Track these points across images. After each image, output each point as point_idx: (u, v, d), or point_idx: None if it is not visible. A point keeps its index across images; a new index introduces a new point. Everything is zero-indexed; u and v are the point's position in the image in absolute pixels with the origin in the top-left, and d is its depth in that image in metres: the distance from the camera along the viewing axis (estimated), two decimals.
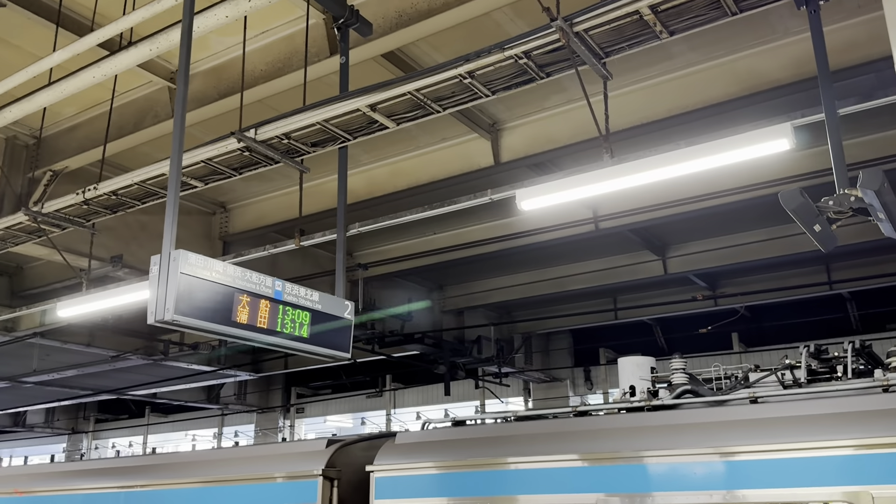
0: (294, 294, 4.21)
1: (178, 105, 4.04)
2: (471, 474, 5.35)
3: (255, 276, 3.99)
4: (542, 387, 18.02)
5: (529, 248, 11.38)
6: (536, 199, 4.71)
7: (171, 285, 3.53)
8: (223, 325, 3.76)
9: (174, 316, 3.49)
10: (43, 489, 7.38)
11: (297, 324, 4.17)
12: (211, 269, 3.75)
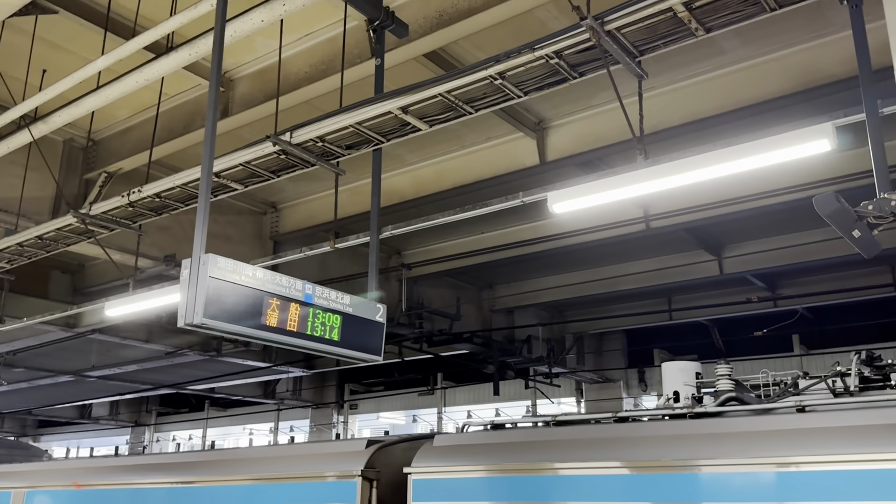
0: (324, 297, 4.22)
1: (210, 112, 4.09)
2: (507, 479, 5.28)
3: (285, 279, 4.01)
4: (594, 388, 17.79)
5: (580, 248, 11.22)
6: (569, 203, 4.62)
7: (201, 289, 3.57)
8: (253, 328, 3.79)
9: (203, 319, 3.54)
10: (95, 483, 7.61)
11: (328, 327, 4.18)
12: (240, 272, 3.78)
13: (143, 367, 16.16)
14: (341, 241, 5.96)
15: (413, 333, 12.28)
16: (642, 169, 4.26)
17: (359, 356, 4.37)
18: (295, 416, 22.25)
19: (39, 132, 5.67)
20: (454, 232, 11.57)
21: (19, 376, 16.76)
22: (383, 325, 4.58)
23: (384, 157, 9.55)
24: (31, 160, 7.91)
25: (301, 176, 10.00)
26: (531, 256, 11.68)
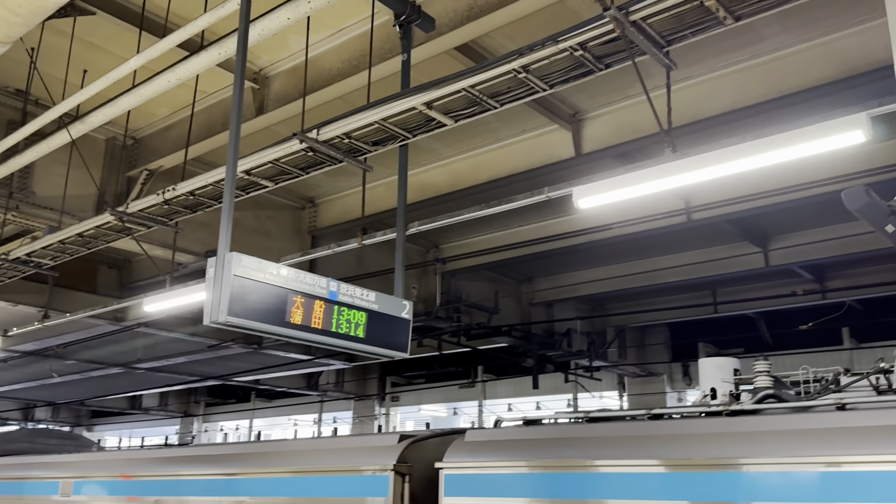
0: (349, 294, 4.23)
1: (234, 111, 4.12)
2: (539, 476, 5.24)
3: (310, 276, 4.03)
4: (637, 381, 17.58)
5: (620, 240, 11.07)
6: (594, 198, 4.53)
7: (225, 287, 3.61)
8: (277, 325, 3.82)
9: (228, 317, 3.57)
10: (141, 474, 7.79)
11: (353, 324, 4.19)
12: (264, 270, 3.81)
13: (189, 360, 16.49)
14: (369, 237, 5.96)
15: (451, 327, 12.28)
16: (670, 162, 4.16)
17: (385, 353, 4.37)
18: (338, 407, 22.48)
19: (78, 131, 5.79)
20: (491, 225, 11.53)
21: (70, 368, 17.25)
22: (409, 322, 4.58)
23: (419, 152, 9.60)
24: (74, 159, 8.10)
25: (338, 171, 10.09)
26: (570, 249, 11.57)
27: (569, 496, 5.09)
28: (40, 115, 6.34)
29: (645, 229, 10.48)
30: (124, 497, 7.81)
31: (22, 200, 7.97)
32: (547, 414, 6.16)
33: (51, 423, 29.99)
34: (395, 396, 21.07)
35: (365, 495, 5.97)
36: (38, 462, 9.32)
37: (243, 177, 5.64)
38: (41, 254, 7.33)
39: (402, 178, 5.31)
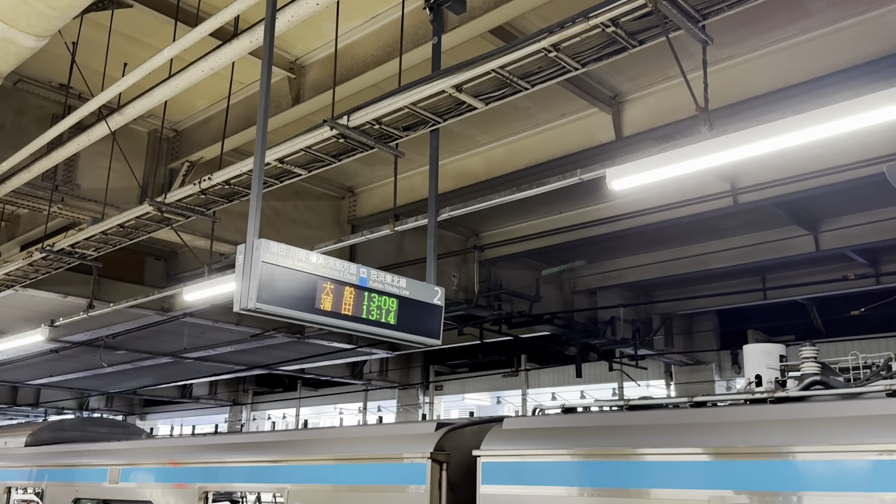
0: (380, 281, 4.19)
1: (262, 96, 4.10)
2: (577, 464, 5.16)
3: (339, 263, 4.00)
4: (684, 370, 17.29)
5: (664, 225, 10.85)
6: (628, 179, 4.40)
7: (254, 274, 3.60)
8: (307, 312, 3.80)
9: (257, 304, 3.57)
10: (181, 461, 7.92)
11: (384, 310, 4.15)
12: (293, 257, 3.79)
13: (235, 349, 16.75)
14: (401, 223, 5.92)
15: (492, 315, 12.20)
16: (707, 140, 4.01)
17: (416, 340, 4.33)
18: (382, 396, 22.64)
19: (116, 123, 5.87)
20: (532, 212, 11.41)
21: (119, 358, 17.68)
22: (441, 308, 4.52)
23: (456, 139, 9.53)
24: (117, 151, 8.23)
25: (376, 160, 10.12)
26: (613, 235, 11.38)
27: (609, 485, 5.01)
28: (88, 116, 6.43)
29: (690, 214, 10.25)
30: (171, 484, 7.95)
31: (67, 193, 8.13)
32: (586, 402, 6.06)
33: (105, 413, 30.85)
34: (439, 385, 21.11)
35: (403, 483, 5.96)
36: (88, 450, 9.55)
37: (276, 165, 5.64)
38: (85, 245, 7.47)
39: (434, 164, 5.25)
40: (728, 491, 4.46)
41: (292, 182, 10.52)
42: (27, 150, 6.50)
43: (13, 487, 10.63)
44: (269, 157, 5.55)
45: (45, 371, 21.06)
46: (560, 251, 12.89)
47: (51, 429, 11.65)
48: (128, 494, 8.47)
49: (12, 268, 7.98)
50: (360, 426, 6.79)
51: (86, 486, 9.14)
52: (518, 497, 5.39)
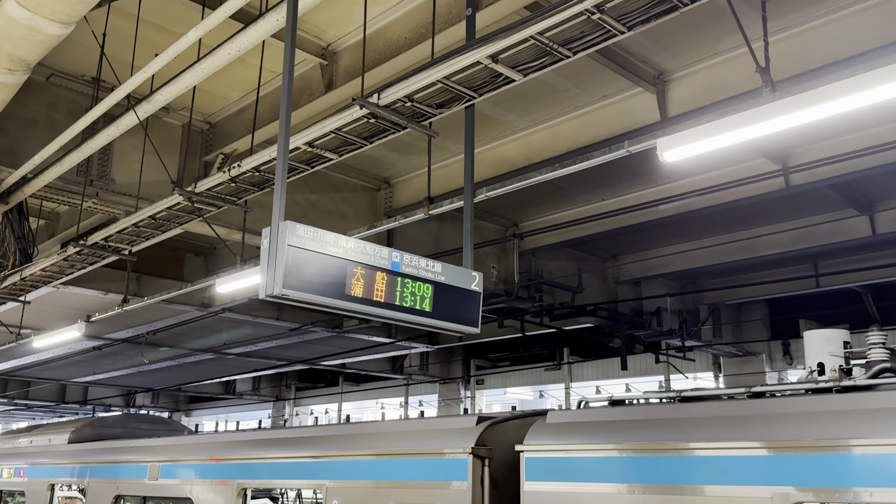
0: (413, 265, 3.95)
1: (285, 73, 3.90)
2: (626, 459, 4.87)
3: (371, 247, 3.77)
4: (734, 362, 16.77)
5: (711, 211, 10.44)
6: (681, 149, 4.08)
7: (280, 258, 3.40)
8: (337, 298, 3.58)
9: (283, 290, 3.36)
10: (230, 457, 7.81)
11: (418, 297, 3.91)
12: (321, 240, 3.57)
13: (276, 345, 16.73)
14: (435, 206, 5.67)
15: (533, 307, 11.90)
16: (769, 104, 3.67)
17: (453, 328, 4.08)
18: (424, 390, 22.48)
19: (145, 112, 5.73)
20: (572, 200, 11.09)
21: (161, 355, 17.80)
22: (479, 295, 4.27)
23: (493, 125, 9.25)
24: (151, 145, 8.15)
25: (412, 150, 9.89)
26: (657, 223, 10.99)
27: (661, 481, 4.71)
28: (119, 107, 6.31)
29: (738, 197, 9.83)
30: (209, 480, 7.84)
31: (101, 188, 8.06)
32: (635, 394, 5.75)
33: (151, 410, 31.28)
34: (480, 379, 20.87)
35: (444, 479, 5.73)
36: (129, 447, 9.53)
37: (306, 150, 5.44)
38: (118, 238, 7.39)
39: (469, 143, 4.98)
40: (791, 488, 4.13)
41: (327, 173, 10.48)
42: (57, 143, 6.42)
43: (56, 484, 10.68)
44: (299, 140, 5.36)
45: (90, 369, 21.37)
46: (602, 240, 12.53)
47: (93, 426, 11.69)
48: (167, 491, 8.40)
49: (47, 263, 7.95)
50: (399, 420, 6.57)
51: (127, 482, 9.11)
52: (564, 494, 5.12)
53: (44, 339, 10.80)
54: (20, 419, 36.49)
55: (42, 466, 11.11)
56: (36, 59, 5.74)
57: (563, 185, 10.83)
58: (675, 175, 10.11)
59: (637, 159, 10.10)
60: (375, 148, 9.95)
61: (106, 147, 8.47)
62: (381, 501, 6.11)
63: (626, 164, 10.21)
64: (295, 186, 10.08)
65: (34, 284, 8.85)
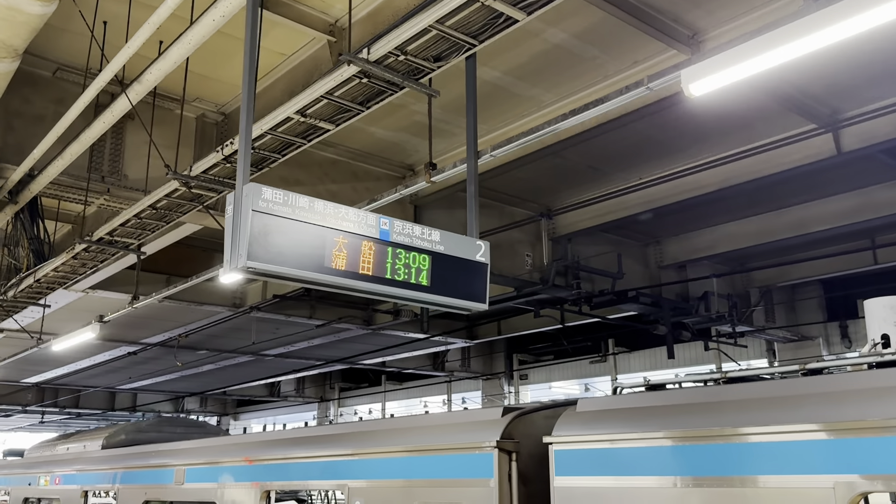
0: (406, 233, 3.49)
1: (248, 23, 3.48)
2: (668, 449, 4.34)
3: (354, 212, 3.33)
4: (789, 346, 15.93)
5: (757, 185, 9.77)
6: (708, 80, 3.54)
7: (244, 227, 2.97)
8: (315, 272, 3.15)
9: (248, 262, 2.94)
10: (238, 459, 7.48)
11: (413, 269, 3.45)
12: (293, 205, 3.14)
13: (311, 344, 16.46)
14: (437, 173, 5.21)
15: (571, 295, 11.34)
16: (806, 17, 3.11)
17: (456, 304, 3.61)
18: (466, 387, 22.04)
19: (137, 94, 5.40)
20: (608, 180, 10.52)
21: (197, 358, 17.68)
22: (486, 266, 3.79)
23: (519, 101, 8.73)
24: (163, 138, 7.86)
25: (435, 132, 9.43)
26: (701, 200, 10.32)
27: (707, 472, 4.16)
28: (118, 93, 6.00)
29: (785, 169, 9.16)
30: (232, 483, 7.52)
31: (113, 184, 7.79)
32: (674, 378, 5.21)
33: (199, 414, 31.47)
34: (524, 374, 20.33)
35: (468, 476, 5.27)
36: (156, 451, 9.29)
37: (298, 120, 5.03)
38: (123, 232, 7.11)
39: (471, 96, 4.50)
40: (856, 476, 3.57)
41: (349, 163, 10.09)
42: (53, 134, 6.14)
43: (90, 491, 10.51)
44: (290, 109, 4.96)
45: (128, 375, 21.42)
46: (642, 222, 11.89)
47: (127, 431, 11.53)
48: (192, 495, 8.11)
49: (58, 263, 7.72)
50: (422, 415, 6.12)
51: (154, 487, 8.86)
52: (600, 490, 4.61)
53: (61, 342, 10.66)
54: (71, 428, 37.15)
55: (76, 473, 10.98)
56: (22, 44, 5.45)
57: (599, 165, 10.28)
58: (716, 149, 9.50)
59: (675, 132, 9.54)
60: (397, 133, 9.66)
61: (117, 142, 8.22)
62: (405, 501, 5.68)
63: (665, 138, 9.63)
64: (316, 177, 9.72)
65: (50, 286, 8.66)
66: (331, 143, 9.73)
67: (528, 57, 7.91)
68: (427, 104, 5.09)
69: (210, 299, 13.26)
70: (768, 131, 8.73)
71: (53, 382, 22.57)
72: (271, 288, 13.28)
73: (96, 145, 7.94)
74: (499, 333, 16.17)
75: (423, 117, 9.09)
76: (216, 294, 13.41)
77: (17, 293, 8.67)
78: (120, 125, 8.28)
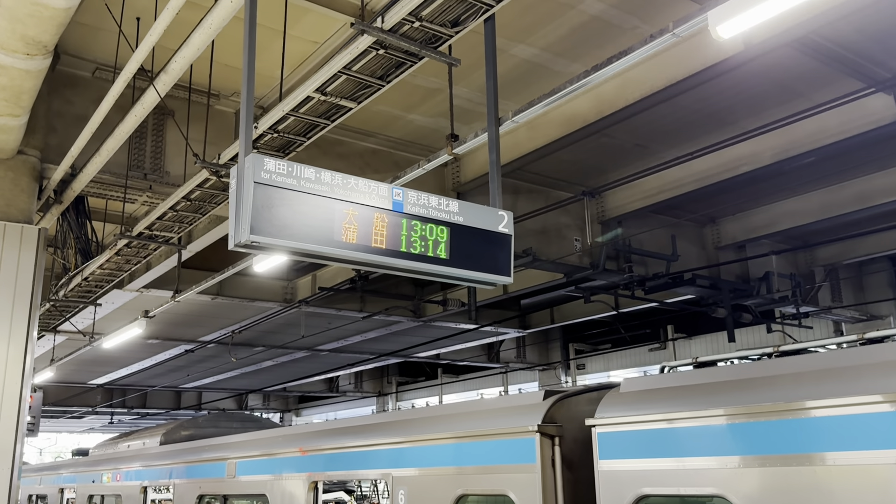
0: (422, 204, 3.32)
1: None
2: (720, 428, 4.08)
3: (363, 182, 3.17)
4: (857, 327, 15.20)
5: (816, 158, 9.31)
6: (739, 18, 3.26)
7: (246, 199, 2.85)
8: (324, 245, 3.00)
9: (251, 237, 2.81)
10: (285, 451, 7.45)
11: (431, 242, 3.28)
12: (299, 176, 3.00)
13: (364, 338, 16.47)
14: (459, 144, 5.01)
15: (623, 279, 11.01)
16: None
17: (479, 277, 3.42)
18: (523, 378, 21.78)
19: (164, 84, 5.37)
20: (655, 156, 10.16)
21: (253, 355, 17.89)
22: (510, 238, 3.58)
23: (557, 78, 8.48)
24: (199, 134, 7.88)
25: (474, 116, 9.24)
26: (757, 175, 9.88)
27: (759, 451, 3.90)
28: (147, 88, 6.00)
29: (845, 138, 8.68)
30: (281, 475, 7.51)
31: (155, 181, 7.85)
32: (725, 356, 4.93)
33: (262, 411, 31.98)
34: (581, 364, 19.97)
35: (511, 462, 5.09)
36: (209, 445, 9.36)
37: (320, 99, 4.91)
38: (161, 226, 7.14)
39: (490, 60, 4.29)
40: None
41: (391, 152, 9.99)
42: (88, 131, 6.18)
43: (149, 487, 10.68)
44: (309, 89, 4.83)
45: (190, 372, 21.84)
46: (696, 201, 11.49)
47: (184, 427, 11.69)
48: (244, 488, 8.13)
49: (103, 260, 7.82)
50: (464, 402, 5.97)
51: (207, 482, 8.93)
52: (648, 473, 4.37)
53: (111, 338, 10.86)
54: (139, 428, 38.22)
55: (135, 469, 11.17)
56: (51, 40, 5.47)
57: (645, 143, 9.94)
58: (768, 120, 9.07)
59: (724, 105, 9.14)
60: (436, 119, 9.50)
61: (158, 139, 8.27)
62: (449, 490, 5.54)
63: (713, 111, 9.24)
64: (357, 168, 9.64)
65: (99, 284, 8.80)
66: (371, 132, 9.65)
67: (566, 30, 7.66)
68: (448, 76, 4.90)
69: (261, 295, 13.37)
70: (822, 98, 8.28)
71: (118, 383, 23.19)
72: (320, 281, 13.31)
73: (137, 143, 8.01)
74: (552, 322, 15.89)
75: (462, 101, 8.91)
76: (267, 290, 13.51)
77: (68, 292, 8.84)
78: (160, 122, 8.34)
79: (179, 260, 9.23)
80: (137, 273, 11.15)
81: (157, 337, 15.88)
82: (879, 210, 11.27)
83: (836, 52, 7.56)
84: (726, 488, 3.99)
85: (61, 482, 14.45)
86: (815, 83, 8.33)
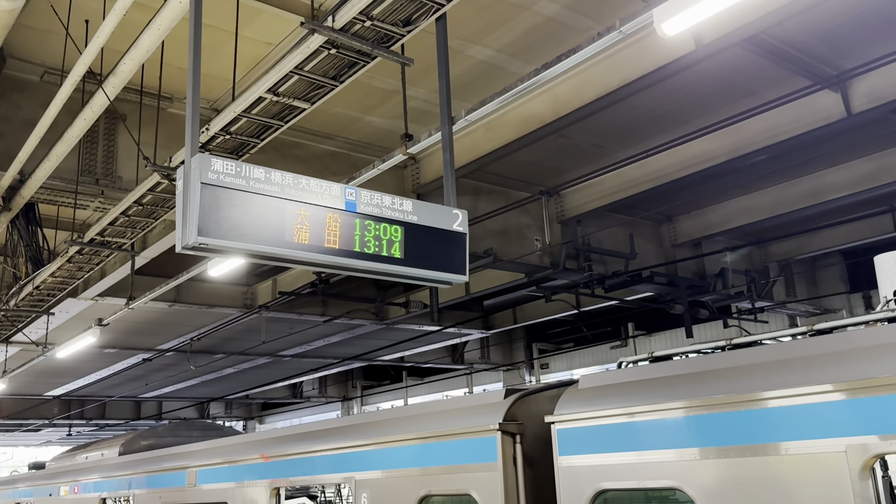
0: (375, 203, 3.31)
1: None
2: (677, 421, 4.14)
3: (314, 182, 3.15)
4: (811, 320, 15.57)
5: (768, 155, 9.50)
6: (683, 16, 3.32)
7: (193, 200, 2.81)
8: (275, 246, 2.97)
9: (198, 239, 2.77)
10: (245, 458, 7.37)
11: (385, 241, 3.27)
12: (247, 176, 2.97)
13: (327, 343, 16.36)
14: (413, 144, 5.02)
15: (583, 278, 11.11)
16: None
17: (434, 276, 3.43)
18: (488, 379, 21.84)
19: (114, 87, 5.27)
20: (612, 156, 10.28)
21: (210, 361, 17.65)
22: (464, 236, 3.59)
23: (513, 79, 8.54)
24: (152, 136, 7.74)
25: (431, 117, 9.25)
26: (712, 172, 10.06)
27: (713, 442, 3.96)
28: (96, 91, 5.88)
29: (796, 135, 8.88)
30: (241, 482, 7.41)
31: (107, 186, 7.70)
32: (679, 350, 5.00)
33: (224, 419, 31.57)
34: (545, 363, 20.10)
35: (472, 461, 5.09)
36: (169, 454, 9.22)
37: (272, 100, 4.87)
38: (113, 232, 7.01)
39: (443, 59, 4.31)
40: (872, 437, 3.35)
41: (349, 154, 9.95)
42: (35, 136, 6.04)
43: (107, 498, 10.47)
44: (260, 89, 4.79)
45: (148, 382, 21.47)
46: (653, 199, 11.65)
47: (144, 437, 11.49)
48: (205, 497, 8.01)
49: (54, 268, 7.64)
50: (424, 403, 5.96)
51: (168, 491, 8.78)
52: (607, 468, 4.41)
53: (64, 348, 10.62)
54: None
55: (94, 481, 10.94)
56: None
57: (601, 143, 10.06)
58: (721, 118, 9.24)
59: (677, 105, 9.28)
60: (394, 121, 9.48)
61: (110, 144, 8.11)
62: (412, 491, 5.52)
63: (667, 111, 9.38)
64: (316, 170, 9.58)
65: (51, 293, 8.59)
66: (329, 134, 9.59)
67: (520, 32, 7.71)
68: (401, 75, 4.89)
69: (220, 301, 13.20)
70: (773, 96, 8.46)
71: (75, 394, 22.69)
72: (280, 286, 13.18)
73: (88, 148, 7.85)
74: (515, 322, 15.97)
75: (420, 102, 8.91)
76: (226, 296, 13.34)
77: (19, 301, 8.61)
78: (112, 127, 8.19)
79: (133, 266, 9.07)
80: (92, 281, 10.92)
81: (113, 346, 15.57)
82: (831, 206, 11.57)
83: (785, 51, 7.73)
84: (683, 481, 4.04)
85: (17, 496, 14.09)
86: (765, 82, 8.50)
